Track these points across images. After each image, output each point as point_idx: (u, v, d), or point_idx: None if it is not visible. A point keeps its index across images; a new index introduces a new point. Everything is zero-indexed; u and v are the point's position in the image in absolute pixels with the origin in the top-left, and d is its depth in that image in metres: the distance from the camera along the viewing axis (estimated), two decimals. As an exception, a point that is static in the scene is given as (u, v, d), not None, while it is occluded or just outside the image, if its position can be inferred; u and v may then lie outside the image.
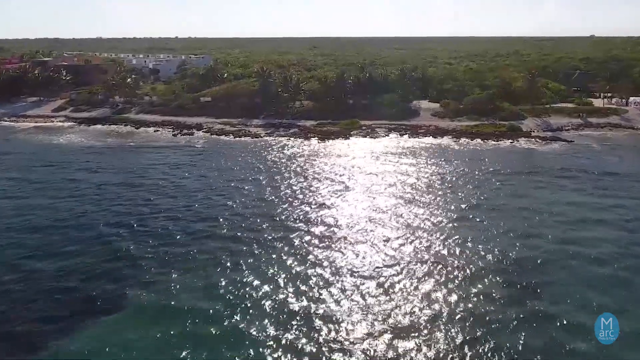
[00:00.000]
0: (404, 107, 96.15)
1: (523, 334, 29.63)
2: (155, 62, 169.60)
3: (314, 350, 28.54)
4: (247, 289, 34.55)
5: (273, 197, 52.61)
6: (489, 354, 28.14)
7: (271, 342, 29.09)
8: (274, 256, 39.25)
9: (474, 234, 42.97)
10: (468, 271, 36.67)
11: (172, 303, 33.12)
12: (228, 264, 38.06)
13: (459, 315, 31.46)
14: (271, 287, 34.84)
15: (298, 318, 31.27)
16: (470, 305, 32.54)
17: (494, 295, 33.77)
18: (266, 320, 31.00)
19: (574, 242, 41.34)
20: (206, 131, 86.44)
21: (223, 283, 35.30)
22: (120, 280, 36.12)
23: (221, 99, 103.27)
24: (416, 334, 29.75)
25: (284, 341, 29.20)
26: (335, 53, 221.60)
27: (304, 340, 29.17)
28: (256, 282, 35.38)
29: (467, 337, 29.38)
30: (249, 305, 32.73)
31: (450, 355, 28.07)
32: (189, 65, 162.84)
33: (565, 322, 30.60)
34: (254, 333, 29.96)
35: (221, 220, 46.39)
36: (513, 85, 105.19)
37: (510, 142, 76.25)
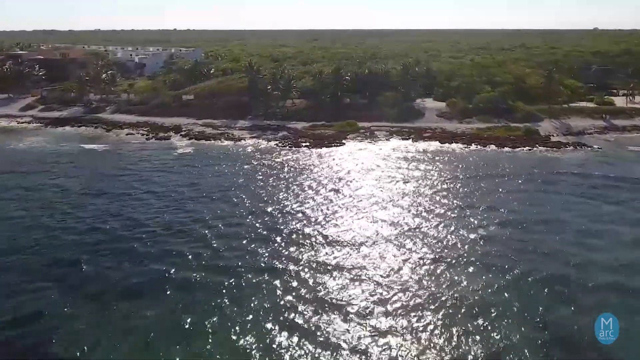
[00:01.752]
0: (406, 107, 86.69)
1: None
2: (142, 56, 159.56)
3: None
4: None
5: (251, 217, 44.21)
6: None
7: None
8: (253, 302, 31.11)
9: (497, 264, 35.24)
10: (492, 318, 28.97)
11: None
12: (193, 312, 30.01)
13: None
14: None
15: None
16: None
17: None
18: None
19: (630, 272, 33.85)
20: (184, 134, 76.92)
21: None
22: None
23: (206, 97, 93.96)
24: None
25: None
26: (334, 46, 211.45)
27: None
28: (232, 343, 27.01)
29: None
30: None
31: None
32: (178, 59, 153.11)
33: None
34: None
35: (187, 248, 38.36)
36: (526, 82, 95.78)
37: (528, 149, 66.81)
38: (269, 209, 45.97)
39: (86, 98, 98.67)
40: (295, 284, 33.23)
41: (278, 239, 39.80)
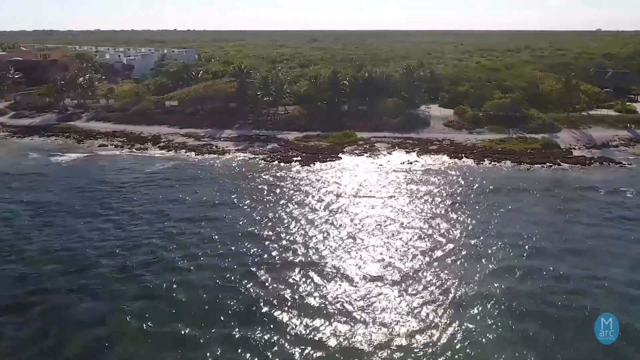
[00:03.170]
0: (410, 115, 78.79)
1: None
2: (131, 57, 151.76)
3: None
4: None
5: (232, 247, 37.94)
6: None
7: None
8: None
9: (523, 308, 29.63)
10: None
11: None
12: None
13: None
14: None
15: None
16: None
17: None
18: None
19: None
20: (163, 146, 69.05)
21: None
22: None
23: (191, 103, 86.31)
24: None
25: None
26: (333, 46, 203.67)
27: None
28: None
29: None
30: None
31: None
32: (168, 61, 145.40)
33: None
34: None
35: (156, 286, 32.67)
36: (541, 87, 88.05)
37: (549, 166, 58.81)
38: (254, 239, 39.29)
39: (62, 104, 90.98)
40: (284, 338, 27.12)
41: (264, 275, 33.53)
